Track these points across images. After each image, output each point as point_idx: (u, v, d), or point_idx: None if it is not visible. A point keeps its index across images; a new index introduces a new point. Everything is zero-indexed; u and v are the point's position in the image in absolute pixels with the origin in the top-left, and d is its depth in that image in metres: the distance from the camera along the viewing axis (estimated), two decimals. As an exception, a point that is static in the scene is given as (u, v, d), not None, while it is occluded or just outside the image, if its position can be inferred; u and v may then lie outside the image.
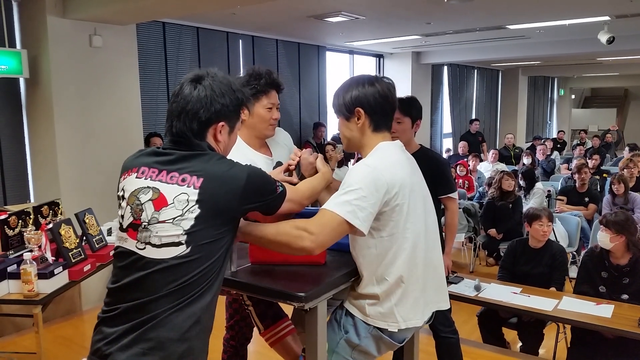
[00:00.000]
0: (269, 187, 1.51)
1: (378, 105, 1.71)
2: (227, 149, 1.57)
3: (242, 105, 1.55)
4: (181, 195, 1.37)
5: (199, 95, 1.45)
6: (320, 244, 1.54)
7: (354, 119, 1.73)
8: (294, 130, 7.69)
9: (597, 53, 9.24)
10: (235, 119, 1.54)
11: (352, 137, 1.77)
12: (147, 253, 1.38)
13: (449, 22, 6.48)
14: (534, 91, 15.26)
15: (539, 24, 6.66)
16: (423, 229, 1.72)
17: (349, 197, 1.56)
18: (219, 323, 3.32)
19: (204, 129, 1.46)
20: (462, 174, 7.54)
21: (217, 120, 1.47)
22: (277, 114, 2.19)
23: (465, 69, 11.65)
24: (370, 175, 1.59)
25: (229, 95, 1.48)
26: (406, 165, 1.72)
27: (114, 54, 4.63)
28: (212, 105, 1.45)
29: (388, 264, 1.65)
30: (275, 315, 2.16)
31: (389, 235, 1.64)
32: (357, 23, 6.19)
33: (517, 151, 9.60)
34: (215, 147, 1.50)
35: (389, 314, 1.67)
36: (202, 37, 6.25)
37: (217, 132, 1.49)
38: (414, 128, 2.72)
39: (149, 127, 5.48)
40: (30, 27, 4.33)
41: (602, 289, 3.13)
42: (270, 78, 2.13)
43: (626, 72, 14.53)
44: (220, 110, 1.47)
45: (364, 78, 1.75)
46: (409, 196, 1.64)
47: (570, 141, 15.37)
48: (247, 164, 1.49)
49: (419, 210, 1.70)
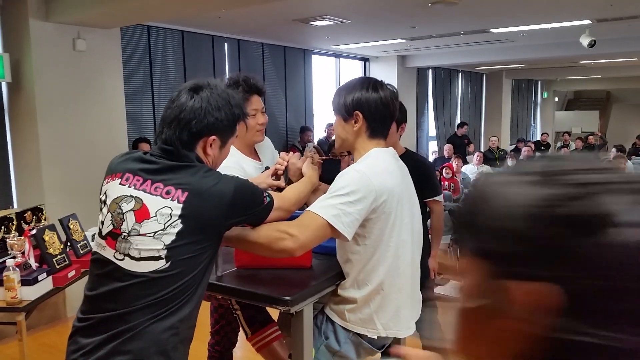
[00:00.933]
0: (257, 198, 1.47)
1: (378, 112, 1.70)
2: (217, 163, 1.53)
3: (238, 121, 1.51)
4: (164, 209, 1.34)
5: (194, 105, 1.41)
6: (301, 245, 1.53)
7: (352, 121, 1.72)
8: (280, 134, 7.68)
9: (579, 56, 9.37)
10: (229, 134, 1.49)
11: (347, 139, 1.76)
12: (126, 265, 1.35)
13: (434, 26, 6.54)
14: (517, 94, 15.43)
15: (522, 28, 6.75)
16: (409, 238, 1.72)
17: (335, 201, 1.55)
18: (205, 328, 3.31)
19: (193, 140, 1.42)
20: (447, 177, 7.59)
21: (209, 134, 1.43)
22: (262, 119, 2.16)
23: (450, 72, 11.74)
24: (359, 181, 1.59)
25: (225, 109, 1.44)
26: (397, 173, 1.71)
27: (98, 58, 4.59)
28: (206, 118, 1.41)
29: (370, 270, 1.66)
30: (263, 320, 2.15)
31: (373, 242, 1.64)
32: (343, 27, 6.22)
33: (501, 153, 9.70)
34: (204, 160, 1.46)
35: (368, 320, 1.68)
36: (187, 40, 6.22)
37: (207, 145, 1.44)
38: (399, 132, 2.72)
39: (133, 131, 5.44)
40: (12, 30, 4.28)
41: None
42: (248, 84, 2.10)
43: (608, 75, 14.74)
44: (213, 124, 1.42)
45: (369, 81, 1.74)
46: (396, 205, 1.64)
47: (554, 143, 15.55)
48: (234, 175, 1.46)
49: (405, 220, 1.70)
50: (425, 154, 10.93)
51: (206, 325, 3.95)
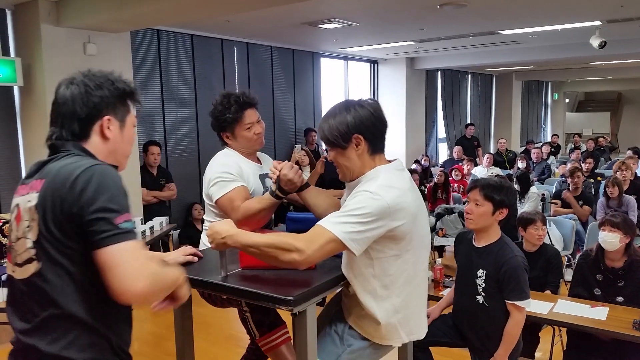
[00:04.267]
0: (113, 206, 1.20)
1: (375, 127, 1.65)
2: (122, 148, 1.40)
3: (127, 95, 1.40)
4: (27, 203, 1.24)
5: (73, 92, 1.31)
6: (307, 259, 1.53)
7: (352, 147, 1.64)
8: (288, 137, 7.70)
9: (589, 57, 9.30)
10: (123, 111, 1.38)
11: (352, 166, 1.67)
12: (16, 275, 1.27)
13: (442, 27, 6.52)
14: (528, 95, 15.34)
15: (531, 29, 6.71)
16: (424, 247, 1.72)
17: (348, 219, 1.53)
18: (215, 330, 3.30)
19: (87, 127, 1.32)
20: (457, 179, 7.57)
21: (100, 115, 1.33)
22: (259, 129, 2.25)
23: (459, 74, 11.71)
24: (375, 204, 1.54)
25: (107, 86, 1.35)
26: (409, 189, 1.65)
27: (109, 62, 4.64)
28: (89, 99, 1.31)
29: (389, 285, 1.65)
30: (271, 323, 2.16)
31: (391, 256, 1.62)
32: (351, 29, 6.23)
33: (510, 155, 9.64)
34: (104, 147, 1.34)
35: (393, 332, 1.70)
36: (197, 44, 6.26)
37: (105, 127, 1.33)
38: (496, 216, 2.41)
39: (144, 134, 5.49)
40: (24, 35, 4.34)
41: (597, 291, 3.13)
42: (239, 102, 2.19)
43: (619, 76, 14.62)
44: (100, 103, 1.32)
45: (350, 103, 1.67)
46: (412, 222, 1.61)
47: (564, 145, 15.43)
48: (105, 164, 1.29)
49: (422, 231, 1.68)
50: (434, 156, 10.90)
51: (217, 328, 3.95)
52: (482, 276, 2.40)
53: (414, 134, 9.94)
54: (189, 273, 1.79)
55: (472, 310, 2.44)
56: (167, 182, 5.47)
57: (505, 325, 2.36)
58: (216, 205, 2.16)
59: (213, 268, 1.80)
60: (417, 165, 8.79)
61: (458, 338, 2.54)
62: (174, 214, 5.78)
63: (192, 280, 1.78)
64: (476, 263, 2.43)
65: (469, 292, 2.45)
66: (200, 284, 1.77)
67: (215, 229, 1.63)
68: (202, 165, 6.31)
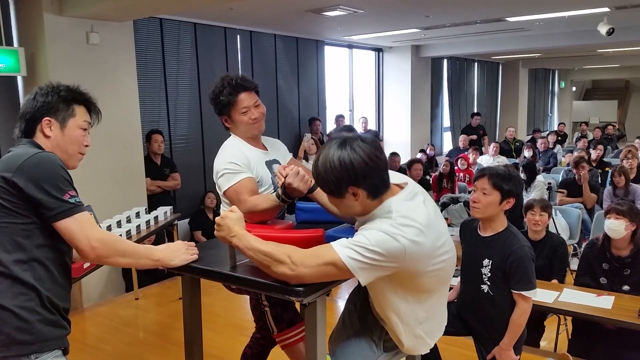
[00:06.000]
0: (57, 180, 1.53)
1: (371, 176, 1.49)
2: (64, 144, 1.66)
3: (72, 101, 1.68)
4: None
5: (28, 99, 1.67)
6: (298, 275, 1.49)
7: (350, 196, 1.52)
8: (292, 126, 7.68)
9: (597, 45, 9.20)
10: (63, 114, 1.66)
11: (354, 211, 1.58)
12: None
13: (448, 14, 6.46)
14: (534, 84, 15.22)
15: (538, 16, 6.63)
16: (451, 264, 1.63)
17: (361, 251, 1.45)
18: (221, 319, 3.29)
19: (31, 126, 1.64)
20: (463, 168, 7.54)
21: (41, 117, 1.63)
22: (255, 114, 2.21)
23: (465, 62, 11.61)
24: (391, 247, 1.43)
25: (52, 93, 1.66)
26: (429, 219, 1.52)
27: (112, 51, 4.62)
28: (35, 104, 1.64)
29: (410, 300, 1.61)
30: (290, 320, 2.15)
31: (410, 281, 1.56)
32: (356, 17, 6.17)
33: (517, 144, 9.59)
34: (47, 142, 1.64)
35: (421, 345, 1.72)
36: (200, 32, 6.23)
37: (44, 127, 1.63)
38: (503, 205, 2.37)
39: (147, 123, 5.48)
40: (27, 25, 4.32)
41: (603, 280, 3.12)
42: (231, 85, 2.17)
43: (627, 64, 14.47)
44: (42, 107, 1.64)
45: (343, 144, 1.50)
46: (431, 255, 1.51)
47: (571, 133, 15.33)
48: (52, 154, 1.59)
49: (443, 257, 1.56)
50: (439, 145, 10.86)
51: (223, 317, 3.97)
52: (487, 265, 2.39)
53: (419, 123, 9.88)
54: (198, 263, 1.79)
55: (477, 299, 2.44)
56: (171, 171, 5.47)
57: (510, 314, 2.35)
58: (224, 196, 2.19)
59: (222, 258, 1.79)
60: (422, 154, 8.76)
61: (463, 327, 2.54)
62: (178, 203, 5.79)
63: (201, 270, 1.78)
64: (482, 252, 2.42)
65: (474, 281, 2.44)
66: (209, 274, 1.77)
67: (228, 224, 1.64)
68: (206, 155, 6.30)
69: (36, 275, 1.53)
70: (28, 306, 1.51)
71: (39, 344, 1.52)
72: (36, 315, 1.52)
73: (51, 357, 1.54)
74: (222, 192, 2.17)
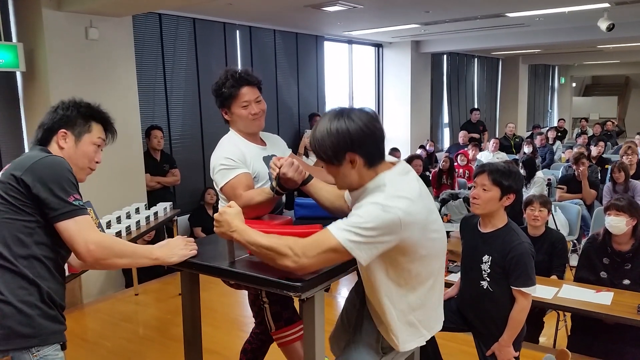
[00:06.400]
0: (63, 181, 1.59)
1: (369, 142, 1.53)
2: (74, 158, 1.74)
3: (89, 117, 1.77)
4: None
5: (50, 111, 1.78)
6: (302, 266, 1.51)
7: (347, 164, 1.55)
8: (292, 122, 7.67)
9: (597, 40, 9.18)
10: (80, 128, 1.75)
11: (350, 180, 1.60)
12: None
13: (448, 10, 6.44)
14: (534, 79, 15.21)
15: (538, 12, 6.61)
16: (442, 246, 1.67)
17: (357, 231, 1.47)
18: (221, 315, 3.31)
19: (47, 136, 1.74)
20: (462, 164, 7.54)
21: (58, 128, 1.73)
22: (255, 109, 2.21)
23: (465, 57, 11.60)
24: (386, 218, 1.46)
25: (72, 108, 1.75)
26: (421, 195, 1.57)
27: (111, 47, 4.61)
28: (55, 116, 1.74)
29: (404, 285, 1.62)
30: (288, 319, 2.15)
31: (404, 262, 1.58)
32: (355, 12, 6.15)
33: (517, 140, 9.58)
34: (58, 153, 1.71)
35: (414, 333, 1.70)
36: (199, 28, 6.21)
37: (59, 138, 1.73)
38: (503, 201, 2.37)
39: (146, 119, 5.47)
40: (25, 20, 4.31)
41: (603, 274, 3.13)
42: (235, 78, 2.17)
43: (627, 60, 14.45)
44: (61, 119, 1.73)
45: (340, 113, 1.55)
46: (423, 229, 1.55)
47: (571, 129, 15.33)
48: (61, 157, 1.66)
49: (433, 235, 1.60)
50: (440, 141, 10.85)
51: (222, 313, 3.98)
52: (487, 262, 2.39)
53: (419, 119, 9.87)
54: (196, 259, 1.79)
55: (477, 295, 2.44)
56: (171, 167, 5.46)
57: (510, 310, 2.35)
58: (221, 192, 2.19)
59: (221, 254, 1.79)
60: (422, 150, 8.75)
61: (462, 323, 2.54)
62: (178, 199, 5.79)
63: (200, 265, 1.78)
64: (481, 248, 2.42)
65: (473, 277, 2.44)
66: (207, 270, 1.77)
67: (227, 220, 1.63)
68: (205, 151, 6.29)
69: (36, 272, 1.58)
70: (29, 300, 1.56)
71: (40, 337, 1.56)
72: (37, 310, 1.57)
73: (51, 350, 1.59)
74: (219, 188, 2.17)
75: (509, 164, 2.60)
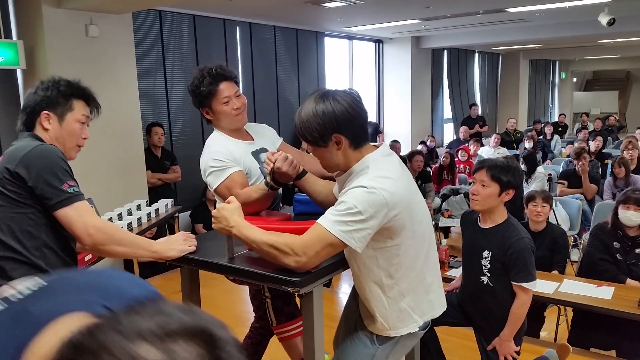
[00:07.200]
0: (57, 169, 1.61)
1: (354, 123, 1.56)
2: (61, 138, 1.74)
3: (70, 95, 1.75)
4: None
5: (29, 92, 1.75)
6: (304, 265, 1.53)
7: (333, 145, 1.58)
8: (292, 118, 7.63)
9: (598, 35, 9.16)
10: (63, 109, 1.74)
11: (337, 162, 1.62)
12: None
13: (448, 5, 6.42)
14: (535, 75, 15.17)
15: (538, 7, 6.60)
16: (428, 232, 1.70)
17: (347, 218, 1.50)
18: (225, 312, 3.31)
19: (31, 119, 1.74)
20: (463, 159, 7.54)
21: (40, 110, 1.72)
22: (237, 104, 2.16)
23: (465, 53, 11.57)
24: (372, 199, 1.49)
25: (52, 88, 1.73)
26: (402, 175, 1.62)
27: (111, 44, 4.60)
28: (36, 97, 1.72)
29: (394, 273, 1.63)
30: (290, 314, 2.16)
31: (392, 247, 1.60)
32: (356, 8, 6.14)
33: (518, 136, 9.57)
34: (46, 135, 1.72)
35: (407, 318, 1.69)
36: (199, 24, 6.20)
37: (43, 120, 1.72)
38: (502, 197, 2.36)
39: (147, 115, 5.47)
40: (25, 17, 4.30)
41: (619, 256, 3.18)
42: (211, 75, 2.11)
43: (628, 54, 14.42)
44: (42, 101, 1.72)
45: (324, 96, 1.57)
46: (408, 209, 1.58)
47: (572, 124, 15.30)
48: (53, 146, 1.67)
49: (419, 216, 1.64)
50: (440, 136, 10.84)
51: (223, 309, 3.99)
52: (487, 257, 2.39)
53: (419, 115, 9.86)
54: (195, 254, 1.80)
55: (477, 291, 2.44)
56: (172, 164, 5.47)
57: (510, 305, 2.36)
58: (216, 194, 2.17)
59: (220, 249, 1.80)
60: (423, 146, 8.74)
61: (463, 318, 2.55)
62: (179, 196, 5.80)
63: (199, 261, 1.79)
64: (481, 244, 2.42)
65: (474, 273, 2.45)
66: (207, 266, 1.77)
67: (225, 215, 1.63)
68: (206, 147, 6.28)
69: (48, 262, 1.62)
70: None
71: None
72: None
73: None
74: (213, 190, 2.15)
75: (508, 160, 2.61)
